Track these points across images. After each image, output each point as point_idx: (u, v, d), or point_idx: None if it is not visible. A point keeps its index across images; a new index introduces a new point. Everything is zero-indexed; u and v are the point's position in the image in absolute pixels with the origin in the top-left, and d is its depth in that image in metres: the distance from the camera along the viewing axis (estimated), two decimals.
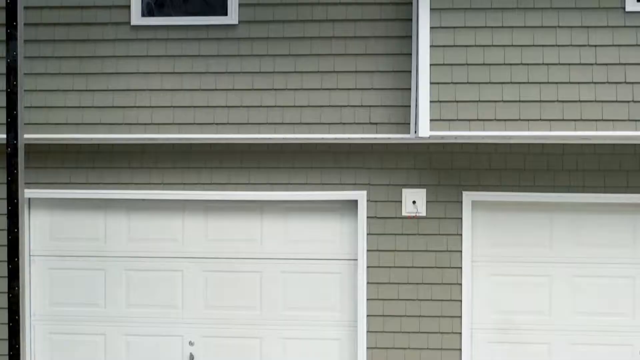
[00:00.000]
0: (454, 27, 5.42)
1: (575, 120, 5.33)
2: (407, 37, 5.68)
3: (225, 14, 5.81)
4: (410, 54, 5.65)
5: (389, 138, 5.73)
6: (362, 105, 5.72)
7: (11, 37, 4.80)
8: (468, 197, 5.92)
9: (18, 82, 4.82)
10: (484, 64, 5.39)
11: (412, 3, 5.62)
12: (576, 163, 5.84)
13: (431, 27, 5.40)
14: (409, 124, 5.67)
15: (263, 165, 6.00)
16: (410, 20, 5.66)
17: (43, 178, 6.11)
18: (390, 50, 5.70)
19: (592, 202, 5.88)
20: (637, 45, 5.32)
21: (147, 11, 5.90)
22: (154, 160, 6.05)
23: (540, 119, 5.34)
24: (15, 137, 4.84)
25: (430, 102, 5.39)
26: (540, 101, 5.35)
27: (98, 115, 5.86)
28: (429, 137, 5.43)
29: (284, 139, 5.80)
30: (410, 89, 5.65)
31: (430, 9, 5.40)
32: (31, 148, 5.86)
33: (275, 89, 5.76)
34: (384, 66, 5.71)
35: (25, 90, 5.33)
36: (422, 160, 5.92)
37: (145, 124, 5.83)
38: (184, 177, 6.05)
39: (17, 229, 4.00)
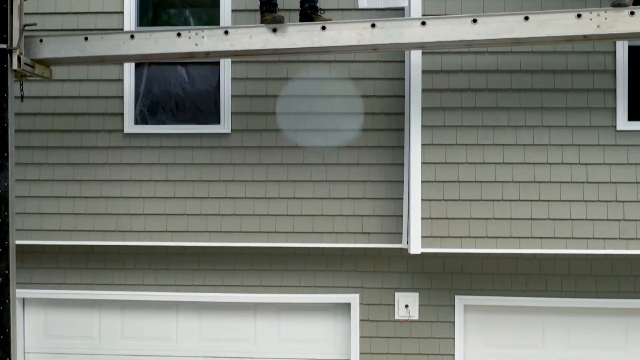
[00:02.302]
0: (446, 145, 5.44)
1: (566, 238, 5.36)
2: (400, 147, 5.69)
3: (218, 122, 5.82)
4: (403, 164, 5.67)
5: (381, 248, 5.75)
6: (354, 215, 5.74)
7: (2, 168, 4.85)
8: (460, 301, 5.94)
9: (10, 211, 4.88)
10: (475, 181, 5.42)
11: (404, 114, 5.64)
12: (568, 268, 5.86)
13: (423, 144, 5.43)
14: (401, 233, 5.68)
15: (256, 268, 6.02)
16: (402, 130, 5.68)
17: (37, 278, 6.14)
18: (383, 160, 5.72)
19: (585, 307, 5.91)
20: (628, 163, 5.34)
21: (141, 118, 5.92)
22: (147, 261, 6.07)
23: (532, 237, 5.37)
24: (7, 267, 4.90)
25: (422, 219, 5.41)
26: (531, 219, 5.37)
27: (91, 222, 5.88)
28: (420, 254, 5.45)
29: (276, 248, 5.82)
30: (402, 198, 5.66)
31: (422, 126, 5.42)
32: (25, 248, 5.93)
33: (268, 198, 5.78)
34: (376, 176, 5.73)
35: (18, 197, 5.43)
36: (415, 264, 5.94)
37: (138, 231, 5.85)
38: (177, 279, 6.07)
39: None
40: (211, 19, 5.89)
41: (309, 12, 4.96)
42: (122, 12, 5.87)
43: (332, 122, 5.74)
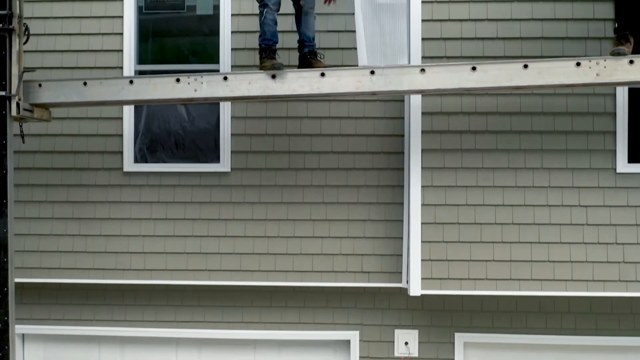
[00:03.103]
0: (446, 186, 5.44)
1: (566, 280, 5.35)
2: (399, 187, 5.69)
3: (218, 161, 5.82)
4: (402, 203, 5.66)
5: (381, 287, 5.75)
6: (354, 254, 5.73)
7: (1, 215, 4.85)
8: (460, 338, 5.93)
9: (9, 258, 4.88)
10: (475, 223, 5.41)
11: (404, 153, 5.64)
12: (568, 306, 5.84)
13: (423, 186, 5.42)
14: (401, 272, 5.68)
15: (256, 305, 6.01)
16: (402, 169, 5.67)
17: (37, 314, 6.13)
18: (382, 200, 5.71)
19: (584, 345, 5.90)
20: (627, 206, 5.33)
21: (140, 156, 5.92)
22: (147, 298, 6.07)
23: (532, 279, 5.36)
24: (6, 314, 4.90)
25: (422, 260, 5.40)
26: (531, 261, 5.37)
27: (91, 260, 5.88)
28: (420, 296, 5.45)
29: (276, 286, 5.82)
30: (402, 237, 5.66)
31: (422, 167, 5.42)
32: (25, 285, 5.92)
33: (268, 237, 5.77)
34: (376, 215, 5.72)
35: (18, 235, 5.42)
36: (415, 302, 5.92)
37: (138, 269, 5.84)
38: (177, 315, 6.07)
39: None
40: (211, 57, 5.87)
41: (309, 57, 4.96)
42: (122, 50, 5.86)
43: (332, 161, 5.73)
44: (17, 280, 4.87)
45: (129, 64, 5.85)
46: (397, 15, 3.97)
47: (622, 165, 5.33)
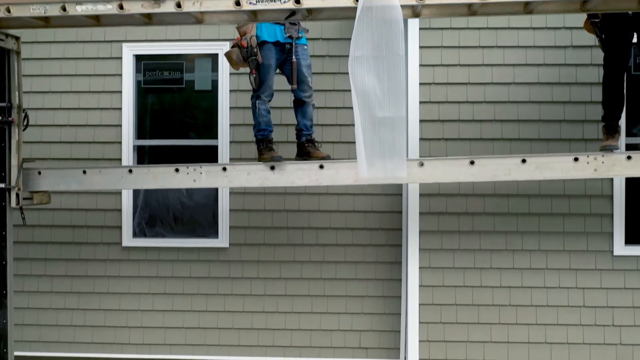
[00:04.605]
0: (443, 268, 5.46)
1: None
2: (397, 263, 5.71)
3: (216, 236, 5.84)
4: (400, 279, 5.68)
5: None
6: (352, 330, 5.75)
7: (1, 306, 4.86)
8: None
9: (8, 349, 4.90)
10: (472, 305, 5.43)
11: (401, 229, 5.66)
12: None
13: (420, 267, 5.44)
14: (399, 348, 5.70)
15: None
16: (400, 245, 5.69)
17: None
18: (380, 276, 5.74)
19: None
20: (624, 288, 5.36)
21: (139, 230, 5.93)
22: None
23: None
24: None
25: (420, 341, 5.42)
26: (528, 342, 5.39)
27: (90, 334, 5.89)
28: None
29: None
30: (400, 314, 5.68)
31: (420, 249, 5.43)
32: (24, 358, 5.92)
33: (266, 312, 5.79)
34: (374, 291, 5.74)
35: (17, 308, 5.43)
36: None
37: (136, 344, 5.86)
38: None
39: None
40: (209, 132, 5.89)
41: (307, 146, 4.97)
42: (120, 125, 5.87)
43: (330, 237, 5.75)
44: (16, 353, 4.89)
45: (128, 138, 5.87)
46: (396, 129, 3.98)
47: (619, 247, 5.36)
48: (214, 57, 5.85)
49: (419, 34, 5.41)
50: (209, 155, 5.84)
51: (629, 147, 5.32)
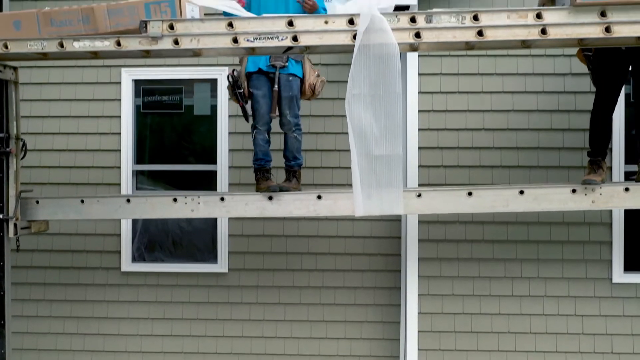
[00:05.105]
0: (442, 295, 5.46)
1: None
2: (396, 289, 5.70)
3: (215, 261, 5.84)
4: (399, 305, 5.68)
5: None
6: (351, 355, 5.75)
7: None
8: None
9: None
10: (471, 332, 5.43)
11: (400, 254, 5.66)
12: None
13: (419, 294, 5.44)
14: None
15: None
16: (399, 271, 5.69)
17: None
18: (379, 301, 5.73)
19: None
20: (623, 316, 5.35)
21: (138, 255, 5.94)
22: None
23: None
24: None
25: None
26: None
27: (89, 359, 5.89)
28: None
29: None
30: (399, 339, 5.67)
31: (419, 276, 5.43)
32: None
33: (265, 337, 5.79)
34: (373, 316, 5.74)
35: (16, 333, 5.44)
36: None
37: None
38: None
39: None
40: (208, 157, 5.89)
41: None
42: (119, 150, 5.88)
43: (329, 263, 5.75)
44: None
45: (127, 163, 5.87)
46: (393, 167, 3.98)
47: (618, 275, 5.35)
48: (213, 82, 5.85)
49: (418, 61, 5.40)
50: (208, 180, 5.85)
51: (628, 174, 5.29)
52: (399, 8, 5.24)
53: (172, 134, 6.07)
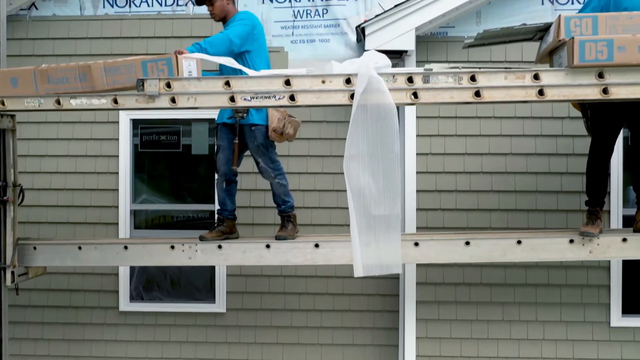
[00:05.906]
0: (440, 338, 5.45)
1: None
2: (395, 329, 5.70)
3: (213, 301, 5.83)
4: (398, 345, 5.68)
5: None
6: None
7: None
8: None
9: None
10: None
11: (399, 295, 5.66)
12: None
13: (417, 337, 5.43)
14: None
15: None
16: (397, 311, 5.69)
17: None
18: (378, 342, 5.74)
19: None
20: (621, 359, 5.34)
21: (136, 294, 5.93)
22: None
23: None
24: None
25: None
26: None
27: None
28: None
29: None
30: None
31: (417, 319, 5.42)
32: None
33: None
34: (372, 356, 5.74)
35: None
36: None
37: None
38: None
39: None
40: (206, 198, 5.89)
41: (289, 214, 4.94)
42: (117, 190, 5.87)
43: (327, 303, 5.75)
44: None
45: (125, 203, 5.86)
46: (391, 227, 3.99)
47: (616, 319, 5.35)
48: (210, 122, 5.84)
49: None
50: (206, 220, 5.84)
51: (626, 219, 5.29)
52: (396, 52, 5.25)
53: (170, 173, 6.07)
